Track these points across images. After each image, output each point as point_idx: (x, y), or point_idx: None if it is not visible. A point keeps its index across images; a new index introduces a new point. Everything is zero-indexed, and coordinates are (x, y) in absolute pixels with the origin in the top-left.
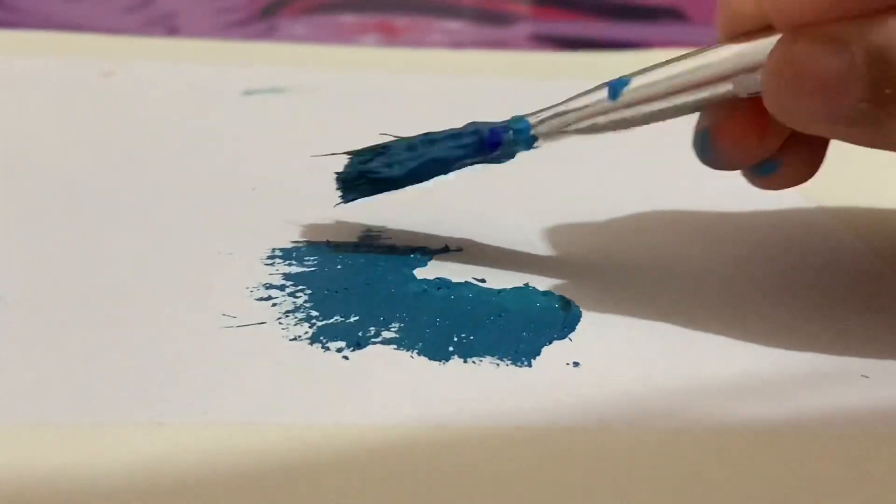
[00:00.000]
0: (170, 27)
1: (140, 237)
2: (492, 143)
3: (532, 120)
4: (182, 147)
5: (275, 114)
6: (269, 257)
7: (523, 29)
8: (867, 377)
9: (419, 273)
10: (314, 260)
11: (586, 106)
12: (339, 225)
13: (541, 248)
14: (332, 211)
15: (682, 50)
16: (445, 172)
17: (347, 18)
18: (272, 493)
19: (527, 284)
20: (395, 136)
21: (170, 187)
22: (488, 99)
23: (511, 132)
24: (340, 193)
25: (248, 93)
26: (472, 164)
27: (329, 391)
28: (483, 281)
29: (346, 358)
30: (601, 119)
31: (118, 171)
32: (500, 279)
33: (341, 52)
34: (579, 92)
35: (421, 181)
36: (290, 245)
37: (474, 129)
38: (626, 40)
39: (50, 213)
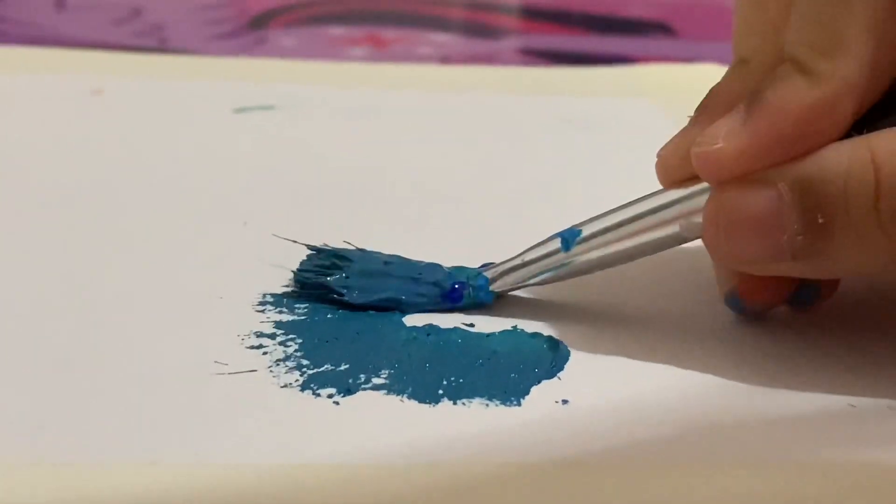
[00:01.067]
0: (159, 39)
1: (131, 272)
2: (452, 298)
3: (490, 275)
4: (173, 172)
5: (266, 133)
6: (261, 303)
7: (512, 42)
8: (854, 406)
9: (408, 321)
10: (304, 308)
11: (541, 258)
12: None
13: (528, 291)
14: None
15: (671, 65)
16: (401, 311)
17: (337, 30)
18: None
19: (515, 327)
20: (357, 248)
21: (160, 218)
22: (478, 115)
23: (471, 289)
24: (296, 290)
25: (238, 111)
26: (427, 310)
27: (320, 432)
28: (472, 326)
29: (336, 403)
30: (558, 271)
31: (107, 198)
32: (488, 323)
33: (331, 68)
34: (533, 244)
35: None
36: (280, 290)
37: (435, 281)
38: (614, 54)
39: (35, 243)
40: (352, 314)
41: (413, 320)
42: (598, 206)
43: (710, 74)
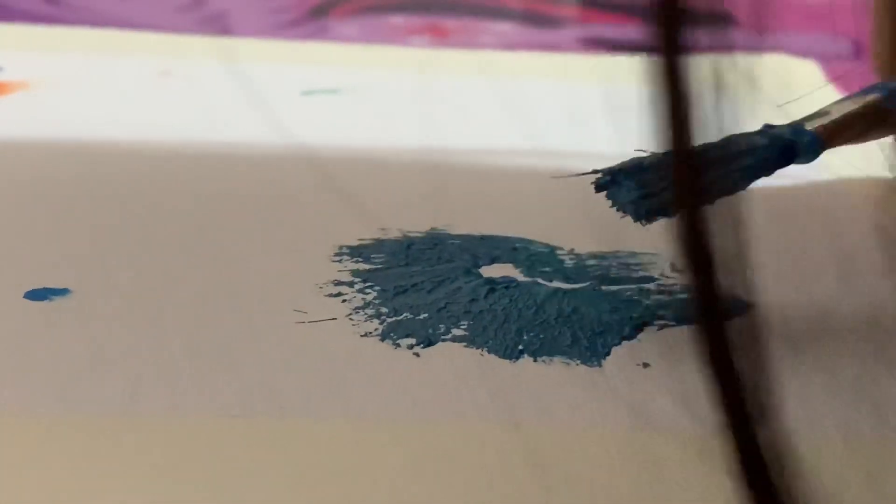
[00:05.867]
0: (222, 27)
1: (207, 235)
2: (787, 156)
3: (815, 129)
4: (245, 148)
5: (334, 114)
6: (337, 254)
7: (574, 31)
8: None
9: (485, 272)
10: (381, 258)
11: (861, 111)
12: (406, 222)
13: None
14: (398, 209)
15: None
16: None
17: (397, 20)
18: (347, 487)
19: (594, 286)
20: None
21: (234, 186)
22: (541, 101)
23: (801, 144)
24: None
25: (306, 93)
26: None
27: (402, 387)
28: (550, 280)
29: (417, 355)
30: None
31: (181, 171)
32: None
33: (396, 53)
34: (841, 98)
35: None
36: (356, 243)
37: (764, 145)
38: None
39: (114, 213)
40: (427, 262)
41: (489, 271)
42: None
43: (778, 65)
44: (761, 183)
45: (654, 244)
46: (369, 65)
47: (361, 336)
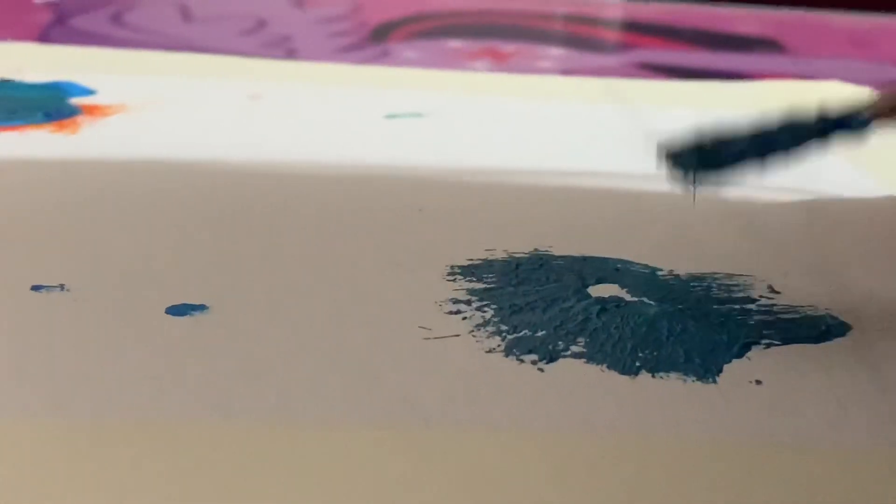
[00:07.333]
0: (286, 49)
1: (322, 253)
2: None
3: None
4: (341, 171)
5: (420, 138)
6: (450, 274)
7: (627, 56)
8: None
9: (592, 291)
10: (492, 277)
11: None
12: (509, 242)
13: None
14: (500, 229)
15: (780, 81)
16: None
17: (455, 44)
18: (487, 493)
19: (700, 302)
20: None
21: (339, 209)
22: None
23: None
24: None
25: (389, 117)
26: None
27: (531, 400)
28: (656, 300)
29: (541, 370)
30: None
31: (293, 191)
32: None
33: (469, 77)
34: None
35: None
36: (466, 263)
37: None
38: (724, 70)
39: (235, 231)
40: (537, 282)
41: (598, 291)
42: None
43: (834, 92)
44: None
45: (748, 267)
46: (445, 88)
47: (486, 352)
